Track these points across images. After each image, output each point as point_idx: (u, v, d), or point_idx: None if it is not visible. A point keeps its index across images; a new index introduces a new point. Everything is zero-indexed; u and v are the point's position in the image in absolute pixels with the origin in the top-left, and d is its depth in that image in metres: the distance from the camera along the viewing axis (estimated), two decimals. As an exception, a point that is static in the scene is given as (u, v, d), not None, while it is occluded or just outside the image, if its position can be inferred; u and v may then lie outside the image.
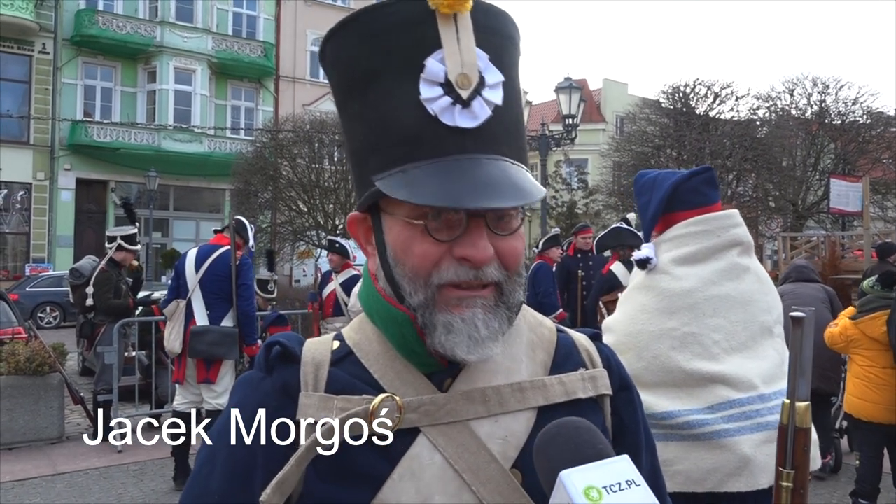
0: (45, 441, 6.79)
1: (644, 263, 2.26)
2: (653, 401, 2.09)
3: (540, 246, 8.34)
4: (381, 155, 0.86)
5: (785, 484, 0.86)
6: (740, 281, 2.21)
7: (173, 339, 5.54)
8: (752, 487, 2.01)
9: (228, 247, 5.66)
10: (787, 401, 0.87)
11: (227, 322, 5.60)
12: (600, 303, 6.61)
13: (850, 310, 5.01)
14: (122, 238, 7.14)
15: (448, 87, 0.82)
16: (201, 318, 5.55)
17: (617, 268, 6.63)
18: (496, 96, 0.85)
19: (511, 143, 0.88)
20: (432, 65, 0.83)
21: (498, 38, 0.88)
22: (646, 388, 2.08)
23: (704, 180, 2.31)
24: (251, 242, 6.01)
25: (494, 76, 0.86)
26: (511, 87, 0.88)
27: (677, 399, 2.11)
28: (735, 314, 2.16)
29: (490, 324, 0.85)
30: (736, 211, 2.33)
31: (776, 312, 2.27)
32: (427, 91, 0.83)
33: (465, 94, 0.83)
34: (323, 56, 0.93)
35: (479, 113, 0.84)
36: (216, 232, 6.12)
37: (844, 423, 6.07)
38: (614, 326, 2.29)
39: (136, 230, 7.38)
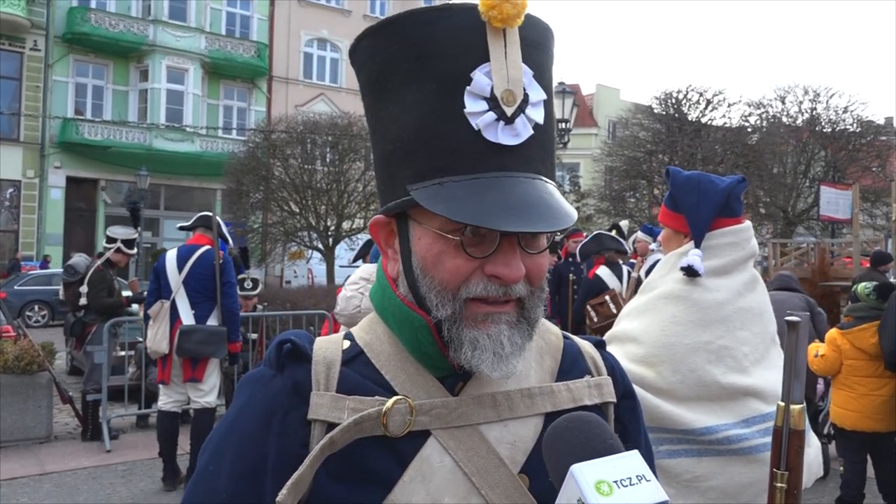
0: (33, 440, 6.74)
1: (693, 272, 2.18)
2: (691, 416, 2.08)
3: None
4: (418, 163, 0.85)
5: (779, 485, 0.87)
6: (756, 292, 2.25)
7: (159, 340, 5.53)
8: None
9: (209, 246, 5.69)
10: (782, 403, 0.89)
11: (213, 320, 5.62)
12: (588, 306, 6.64)
13: (835, 331, 5.01)
14: (123, 242, 7.16)
15: (493, 102, 0.82)
16: (187, 318, 5.55)
17: (602, 271, 6.68)
18: (538, 115, 0.86)
19: (546, 161, 0.88)
20: (479, 78, 0.82)
21: (541, 53, 0.88)
22: (680, 401, 2.09)
23: (742, 190, 2.34)
24: (230, 242, 6.04)
25: (537, 93, 0.86)
26: (549, 104, 0.88)
27: (712, 413, 2.09)
28: (756, 326, 2.19)
29: (514, 340, 0.86)
30: (750, 223, 2.35)
31: (775, 321, 2.30)
32: (472, 105, 0.82)
33: (509, 111, 0.83)
34: (354, 52, 0.92)
35: (522, 131, 0.84)
36: (181, 228, 6.19)
37: (832, 430, 6.12)
38: (642, 337, 2.20)
39: (136, 235, 7.40)
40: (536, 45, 0.88)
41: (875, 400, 4.65)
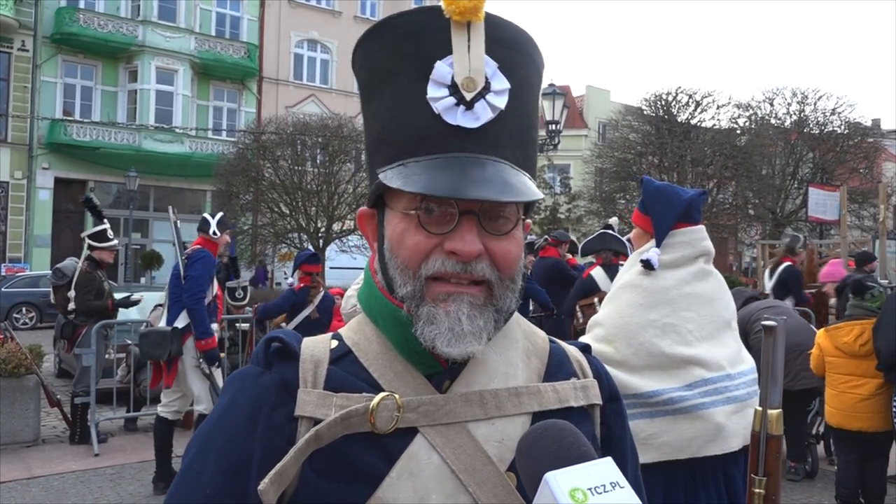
0: (20, 444, 6.69)
1: (649, 265, 2.55)
2: (640, 382, 2.41)
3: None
4: (387, 150, 0.91)
5: (757, 490, 0.87)
6: (706, 283, 2.60)
7: None
8: (725, 450, 2.35)
9: (198, 246, 5.65)
10: (759, 408, 0.89)
11: (181, 323, 5.52)
12: (577, 306, 6.65)
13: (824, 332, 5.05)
14: (90, 237, 7.07)
15: (454, 88, 0.87)
16: (162, 322, 5.60)
17: (597, 273, 6.65)
18: (500, 101, 0.89)
19: (516, 149, 0.91)
20: (440, 67, 0.87)
21: (511, 51, 0.92)
22: (633, 370, 2.43)
23: (703, 202, 2.73)
24: (215, 232, 5.75)
25: (501, 83, 0.89)
26: (521, 97, 0.91)
27: (660, 380, 2.42)
28: (703, 309, 2.53)
29: (475, 320, 0.87)
30: (703, 227, 2.69)
31: (731, 309, 2.66)
32: (433, 91, 0.87)
33: (468, 96, 0.86)
34: (353, 62, 0.98)
35: (482, 115, 0.87)
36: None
37: (821, 429, 6.16)
38: (603, 321, 2.60)
39: (105, 227, 7.16)
40: (507, 44, 0.91)
41: (852, 398, 4.71)
